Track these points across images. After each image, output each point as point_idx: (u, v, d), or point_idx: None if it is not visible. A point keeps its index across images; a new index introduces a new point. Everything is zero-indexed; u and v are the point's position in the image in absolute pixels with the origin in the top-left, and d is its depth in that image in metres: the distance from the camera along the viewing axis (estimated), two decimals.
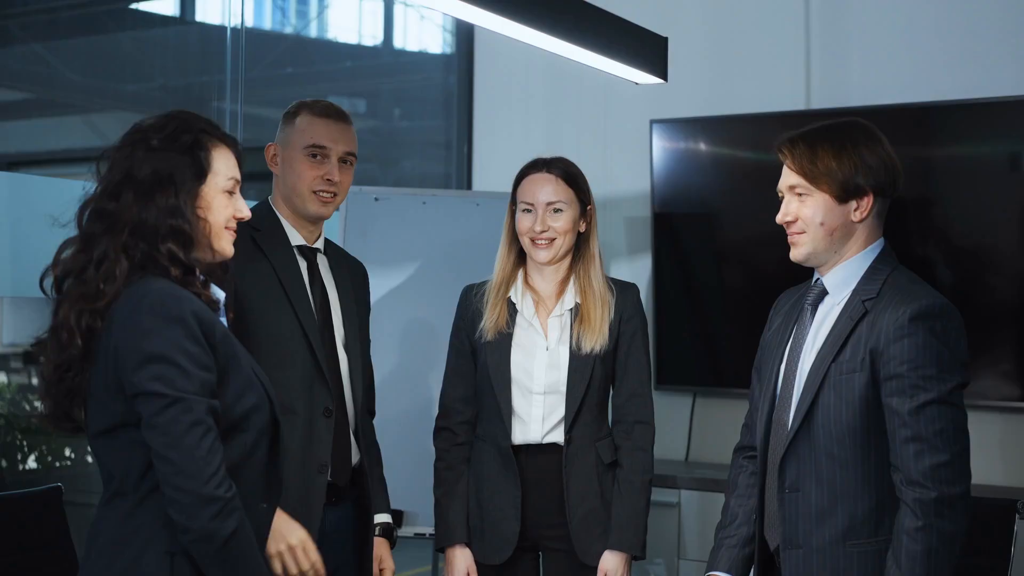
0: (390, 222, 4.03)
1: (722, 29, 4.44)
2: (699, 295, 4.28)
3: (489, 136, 4.93)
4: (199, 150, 2.08)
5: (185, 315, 1.96)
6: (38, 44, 4.38)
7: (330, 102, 2.79)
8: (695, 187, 4.29)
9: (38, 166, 4.52)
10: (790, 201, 2.39)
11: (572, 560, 2.86)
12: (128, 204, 2.02)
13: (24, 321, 4.54)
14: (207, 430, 1.94)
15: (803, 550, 2.30)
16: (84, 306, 1.98)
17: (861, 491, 2.27)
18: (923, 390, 2.20)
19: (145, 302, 1.95)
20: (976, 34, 3.99)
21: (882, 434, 2.25)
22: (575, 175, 2.92)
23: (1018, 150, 3.83)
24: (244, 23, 4.35)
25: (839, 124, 2.42)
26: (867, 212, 2.35)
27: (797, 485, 2.32)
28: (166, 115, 2.12)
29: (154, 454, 1.93)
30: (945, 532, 2.18)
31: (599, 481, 2.86)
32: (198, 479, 1.91)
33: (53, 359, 2.02)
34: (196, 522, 1.92)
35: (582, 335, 2.85)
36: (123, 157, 2.06)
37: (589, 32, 2.82)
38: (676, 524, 4.00)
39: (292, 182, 2.70)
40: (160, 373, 1.92)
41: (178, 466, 1.91)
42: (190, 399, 1.93)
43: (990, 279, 3.85)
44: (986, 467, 3.91)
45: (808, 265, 2.41)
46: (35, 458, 4.40)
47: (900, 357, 2.22)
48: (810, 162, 2.34)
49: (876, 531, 2.27)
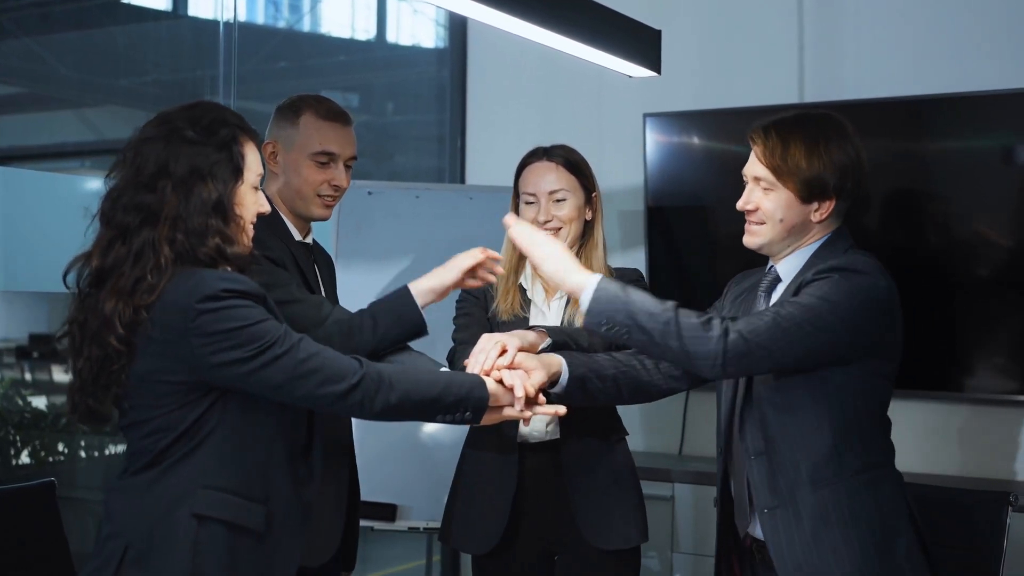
0: (383, 216, 4.03)
1: (715, 22, 4.44)
2: (693, 288, 4.28)
3: (482, 130, 4.93)
4: (235, 145, 2.09)
5: (253, 290, 2.03)
6: (30, 39, 4.37)
7: (332, 101, 2.77)
8: (689, 180, 4.29)
9: (30, 160, 4.52)
10: (753, 190, 2.41)
11: (586, 549, 2.81)
12: (167, 197, 2.02)
13: (16, 315, 4.53)
14: (308, 347, 2.05)
15: (779, 509, 2.33)
16: (129, 299, 1.98)
17: (815, 433, 2.30)
18: (798, 303, 2.26)
19: (206, 286, 1.98)
20: (969, 27, 3.99)
21: (824, 383, 2.30)
22: (577, 162, 2.88)
23: (1011, 143, 3.83)
24: (237, 17, 4.35)
25: (814, 118, 2.42)
26: (827, 213, 2.38)
27: (759, 449, 2.35)
28: (193, 105, 2.12)
29: (282, 393, 2.03)
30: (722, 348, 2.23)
31: (601, 474, 2.84)
32: (335, 386, 2.05)
33: (91, 354, 2.02)
34: (371, 409, 2.09)
35: (575, 314, 2.80)
36: (156, 149, 2.04)
37: (582, 25, 2.81)
38: (670, 517, 4.01)
39: (297, 185, 2.69)
40: (245, 338, 1.98)
41: (314, 385, 2.03)
42: (278, 336, 2.02)
43: (983, 272, 3.86)
44: (978, 459, 3.92)
45: (762, 253, 2.47)
46: (28, 453, 4.39)
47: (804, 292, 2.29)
48: (780, 158, 2.35)
49: (840, 468, 2.30)
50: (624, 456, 2.91)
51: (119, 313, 1.97)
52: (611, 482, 2.85)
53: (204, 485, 2.01)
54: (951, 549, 2.85)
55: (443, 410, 2.19)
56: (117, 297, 1.98)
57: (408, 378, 2.16)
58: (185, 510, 1.99)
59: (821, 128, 2.37)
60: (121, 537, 2.00)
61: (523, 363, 2.40)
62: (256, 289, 2.04)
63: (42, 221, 3.79)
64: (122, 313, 1.97)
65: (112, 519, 2.04)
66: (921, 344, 3.90)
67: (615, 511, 2.83)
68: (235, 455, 2.04)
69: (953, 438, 3.96)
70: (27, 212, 3.80)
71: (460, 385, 2.22)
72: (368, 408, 2.10)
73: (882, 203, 3.98)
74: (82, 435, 4.50)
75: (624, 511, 2.84)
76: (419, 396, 2.15)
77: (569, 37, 2.79)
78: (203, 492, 2.00)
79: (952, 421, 3.97)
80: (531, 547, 2.86)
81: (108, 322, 1.98)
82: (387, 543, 4.78)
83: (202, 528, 1.99)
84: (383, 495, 3.73)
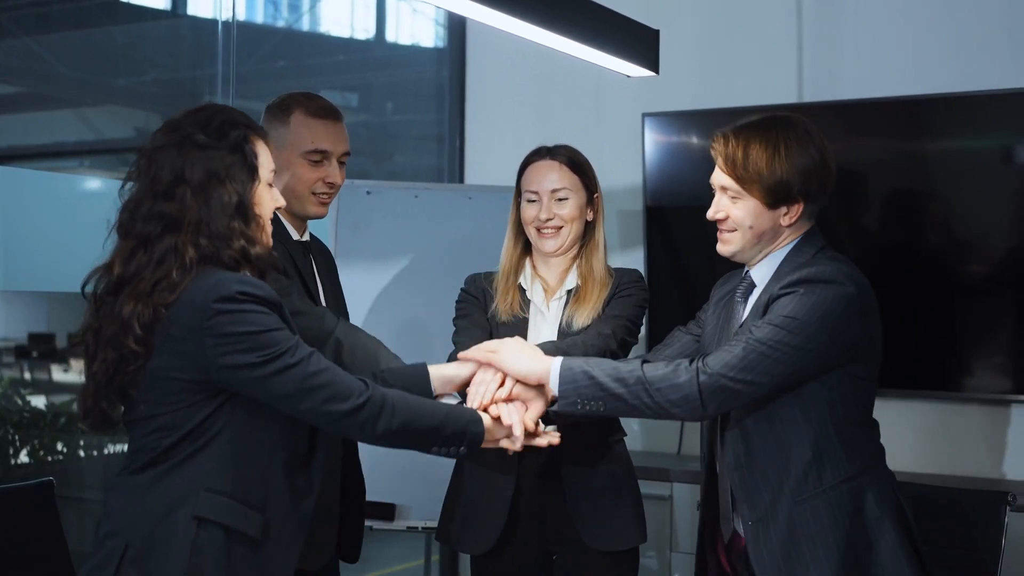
0: (382, 216, 4.03)
1: (714, 22, 4.44)
2: (691, 288, 4.28)
3: (481, 130, 4.93)
4: (247, 145, 2.09)
5: (270, 297, 2.03)
6: (29, 38, 4.37)
7: (322, 98, 2.76)
8: (687, 180, 4.29)
9: (29, 160, 4.52)
10: (721, 199, 2.43)
11: (584, 551, 2.81)
12: (187, 204, 2.03)
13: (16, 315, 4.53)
14: (317, 362, 2.07)
15: (759, 522, 2.34)
16: (149, 300, 1.99)
17: (795, 446, 2.31)
18: (769, 325, 2.27)
19: (225, 287, 1.98)
20: (968, 27, 3.99)
21: (803, 394, 2.30)
22: (580, 163, 2.88)
23: (1010, 143, 3.83)
24: (236, 17, 4.35)
25: (774, 121, 2.41)
26: (796, 216, 2.38)
27: (740, 462, 2.36)
28: (200, 109, 2.12)
29: (286, 404, 2.04)
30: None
31: (599, 475, 2.84)
32: (339, 405, 2.06)
33: (106, 357, 2.02)
34: (372, 433, 2.11)
35: (574, 314, 2.81)
36: (170, 156, 2.05)
37: (580, 25, 2.81)
38: (668, 517, 4.01)
39: (291, 184, 2.67)
40: (258, 344, 1.99)
41: (319, 401, 2.04)
42: (290, 347, 2.03)
43: (982, 272, 3.86)
44: (976, 459, 3.92)
45: (735, 260, 2.48)
46: (27, 452, 4.39)
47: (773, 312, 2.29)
48: (742, 166, 2.36)
49: (820, 481, 2.30)
50: (623, 457, 2.91)
51: (138, 314, 1.98)
52: (609, 483, 2.84)
53: (206, 488, 2.01)
54: (949, 549, 2.85)
55: (440, 442, 2.23)
56: (136, 300, 1.99)
57: (410, 406, 2.18)
58: (186, 511, 1.99)
59: (780, 132, 2.36)
60: (121, 536, 2.00)
61: (521, 394, 2.43)
62: (273, 296, 2.04)
63: (41, 221, 3.79)
64: (141, 314, 1.98)
65: (112, 517, 2.04)
66: (920, 344, 3.91)
67: (613, 512, 2.83)
68: (238, 460, 2.04)
69: (951, 438, 3.97)
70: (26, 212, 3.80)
71: (458, 419, 2.26)
72: (369, 431, 2.12)
73: (881, 203, 3.99)
74: (81, 435, 4.50)
75: (622, 512, 2.84)
76: (419, 425, 2.18)
77: (567, 37, 2.78)
78: (205, 495, 2.00)
79: (950, 420, 3.97)
80: (529, 547, 2.86)
81: (126, 325, 1.99)
82: (386, 543, 4.77)
83: (202, 530, 1.99)
84: (382, 495, 3.73)
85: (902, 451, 3.92)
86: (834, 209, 2.52)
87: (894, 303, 3.62)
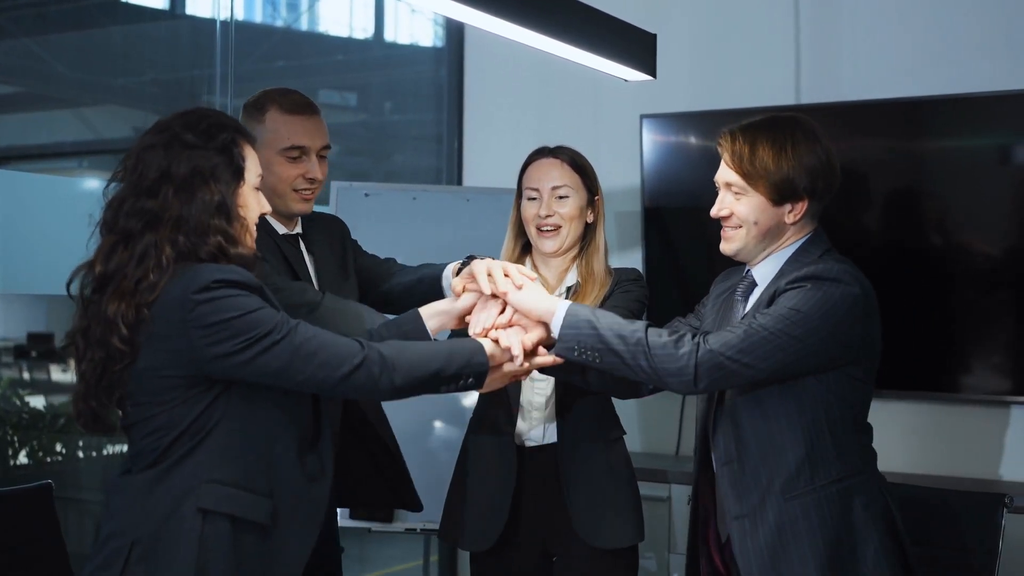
0: (380, 218, 4.03)
1: (711, 24, 4.43)
2: (689, 289, 4.28)
3: (479, 131, 4.93)
4: (234, 147, 2.11)
5: (248, 280, 2.04)
6: (28, 38, 4.38)
7: (297, 92, 2.72)
8: (685, 182, 4.29)
9: (28, 160, 4.52)
10: (726, 196, 2.44)
11: (583, 549, 2.81)
12: (169, 201, 2.04)
13: (15, 315, 4.54)
14: (305, 331, 2.06)
15: (746, 519, 2.34)
16: (132, 299, 2.00)
17: (788, 443, 2.31)
18: (772, 315, 2.27)
19: (202, 278, 1.99)
20: (966, 29, 3.99)
21: (798, 391, 2.31)
22: (582, 163, 2.89)
23: (1007, 144, 3.84)
24: (234, 16, 4.35)
25: (781, 121, 2.43)
26: (801, 214, 2.39)
27: (731, 456, 2.37)
28: (188, 112, 2.14)
29: (284, 379, 2.04)
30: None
31: (598, 473, 2.84)
32: (337, 367, 2.06)
33: (93, 356, 2.03)
34: (377, 390, 2.11)
35: None
36: (157, 156, 2.06)
37: (578, 30, 2.81)
38: (667, 518, 4.01)
39: (271, 182, 2.63)
40: (241, 327, 1.99)
41: (315, 367, 2.04)
42: (276, 322, 2.03)
43: (980, 272, 3.86)
44: (973, 461, 3.93)
45: (737, 259, 2.48)
46: (26, 454, 4.40)
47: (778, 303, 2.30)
48: (749, 162, 2.37)
49: (812, 480, 2.31)
50: (621, 455, 2.92)
51: (122, 314, 1.99)
52: (608, 481, 2.86)
53: (209, 479, 2.02)
54: (946, 550, 2.86)
55: (446, 381, 2.22)
56: (120, 299, 2.00)
57: (408, 356, 2.17)
58: (190, 505, 2.00)
59: (788, 130, 2.38)
60: (125, 535, 2.01)
61: (520, 322, 2.44)
62: (250, 279, 2.05)
63: (40, 223, 3.80)
64: (125, 314, 1.99)
65: (115, 517, 2.05)
66: (918, 345, 3.91)
67: (612, 510, 2.84)
68: (240, 449, 2.05)
69: (947, 438, 3.97)
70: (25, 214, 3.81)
71: (460, 354, 2.25)
72: (373, 388, 2.12)
73: (880, 203, 3.99)
74: (80, 435, 4.50)
75: (621, 510, 2.85)
76: (422, 372, 2.17)
77: (565, 42, 2.79)
78: (208, 486, 2.01)
79: (947, 421, 3.97)
80: (529, 546, 2.87)
81: (111, 324, 1.99)
82: (385, 543, 4.78)
83: (207, 523, 1.99)
84: None
85: (899, 452, 3.93)
86: (832, 210, 2.52)
87: (892, 304, 3.62)
